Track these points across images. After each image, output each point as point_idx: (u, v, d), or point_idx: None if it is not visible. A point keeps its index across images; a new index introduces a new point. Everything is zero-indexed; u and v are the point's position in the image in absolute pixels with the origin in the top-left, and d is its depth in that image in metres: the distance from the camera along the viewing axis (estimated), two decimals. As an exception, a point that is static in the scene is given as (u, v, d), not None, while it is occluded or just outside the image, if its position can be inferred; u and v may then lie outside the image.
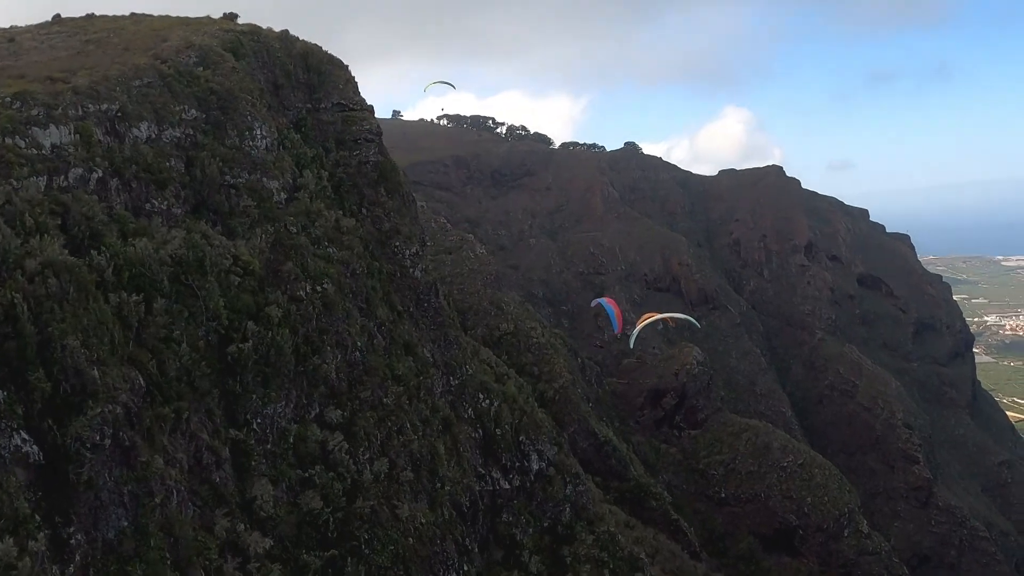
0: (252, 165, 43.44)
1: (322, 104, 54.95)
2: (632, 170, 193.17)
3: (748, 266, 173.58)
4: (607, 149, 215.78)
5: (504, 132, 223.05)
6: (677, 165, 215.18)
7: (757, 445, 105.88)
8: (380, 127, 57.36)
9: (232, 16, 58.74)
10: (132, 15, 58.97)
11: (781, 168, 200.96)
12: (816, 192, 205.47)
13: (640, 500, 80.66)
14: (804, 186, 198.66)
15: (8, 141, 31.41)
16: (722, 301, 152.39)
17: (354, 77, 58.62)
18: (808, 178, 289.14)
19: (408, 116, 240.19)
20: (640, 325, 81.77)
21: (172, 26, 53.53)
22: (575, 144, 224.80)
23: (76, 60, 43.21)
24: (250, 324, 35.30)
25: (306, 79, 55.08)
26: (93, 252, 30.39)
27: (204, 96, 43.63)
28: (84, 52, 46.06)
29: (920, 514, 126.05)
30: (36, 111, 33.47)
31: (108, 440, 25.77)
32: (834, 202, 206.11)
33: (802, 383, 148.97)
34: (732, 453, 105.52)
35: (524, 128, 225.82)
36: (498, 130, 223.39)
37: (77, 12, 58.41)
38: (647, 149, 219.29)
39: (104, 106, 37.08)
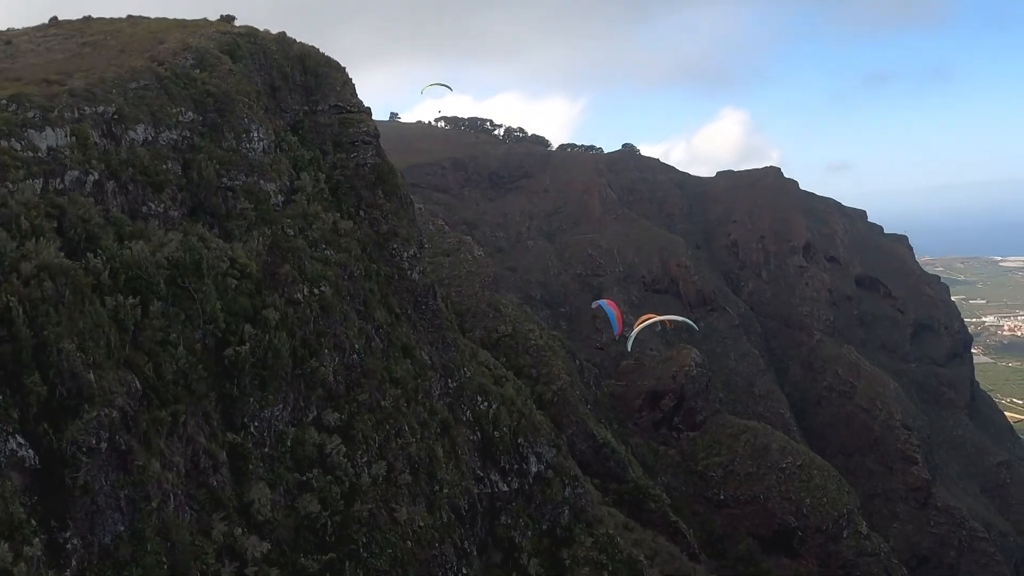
0: (249, 167, 43.31)
1: (319, 106, 54.82)
2: (630, 172, 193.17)
3: (746, 267, 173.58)
4: (605, 151, 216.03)
5: (502, 134, 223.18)
6: (675, 167, 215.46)
7: (756, 446, 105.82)
8: (378, 129, 57.26)
9: (229, 18, 58.69)
10: (129, 17, 58.92)
11: (779, 169, 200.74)
12: (814, 193, 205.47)
13: (639, 502, 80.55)
14: (802, 187, 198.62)
15: (4, 144, 31.20)
16: (720, 302, 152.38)
17: (351, 79, 58.53)
18: (806, 179, 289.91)
19: (406, 118, 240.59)
20: (637, 328, 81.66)
21: (169, 28, 53.44)
22: (573, 146, 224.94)
23: (73, 62, 43.07)
24: (247, 327, 35.15)
25: (303, 81, 54.98)
26: (89, 255, 30.22)
27: (201, 98, 43.50)
28: (81, 54, 45.96)
29: (919, 515, 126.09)
30: (32, 113, 33.30)
31: (104, 444, 25.60)
32: (832, 203, 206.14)
33: (800, 384, 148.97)
34: (731, 455, 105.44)
35: (522, 130, 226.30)
36: (496, 132, 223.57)
37: (74, 14, 58.38)
38: (645, 151, 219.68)
39: (100, 108, 36.93)
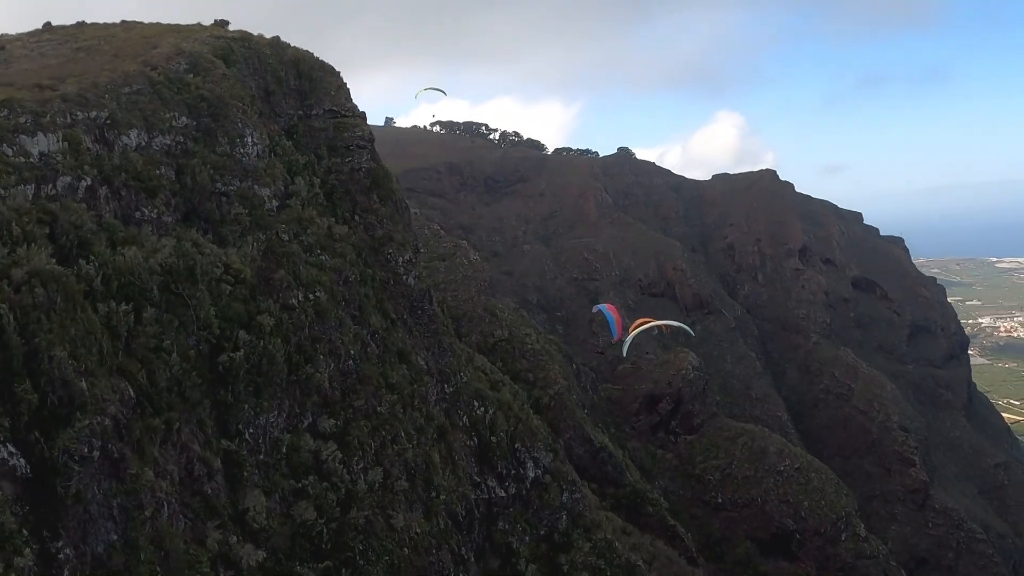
0: (243, 172, 43.13)
1: (314, 111, 54.68)
2: (625, 175, 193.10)
3: (742, 270, 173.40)
4: (600, 155, 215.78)
5: (497, 138, 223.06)
6: (670, 170, 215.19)
7: (753, 450, 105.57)
8: (372, 133, 57.18)
9: (223, 23, 58.56)
10: (123, 22, 58.81)
11: (774, 172, 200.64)
12: (810, 196, 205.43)
13: (636, 506, 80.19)
14: (798, 190, 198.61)
15: (-5, 149, 31.07)
16: (717, 306, 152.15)
17: (346, 83, 58.44)
18: (801, 182, 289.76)
19: (401, 123, 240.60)
20: (632, 332, 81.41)
21: (163, 33, 53.27)
22: (568, 150, 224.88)
23: (66, 67, 42.89)
24: (242, 333, 34.95)
25: (297, 85, 54.83)
26: (81, 261, 30.05)
27: (195, 103, 43.34)
28: (74, 59, 45.79)
29: (917, 517, 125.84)
30: (24, 119, 33.10)
31: (97, 452, 25.38)
32: (828, 205, 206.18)
33: (797, 387, 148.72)
34: (728, 458, 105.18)
35: (517, 134, 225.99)
36: (491, 136, 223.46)
37: (68, 20, 58.25)
38: (640, 154, 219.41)
39: (93, 113, 36.75)
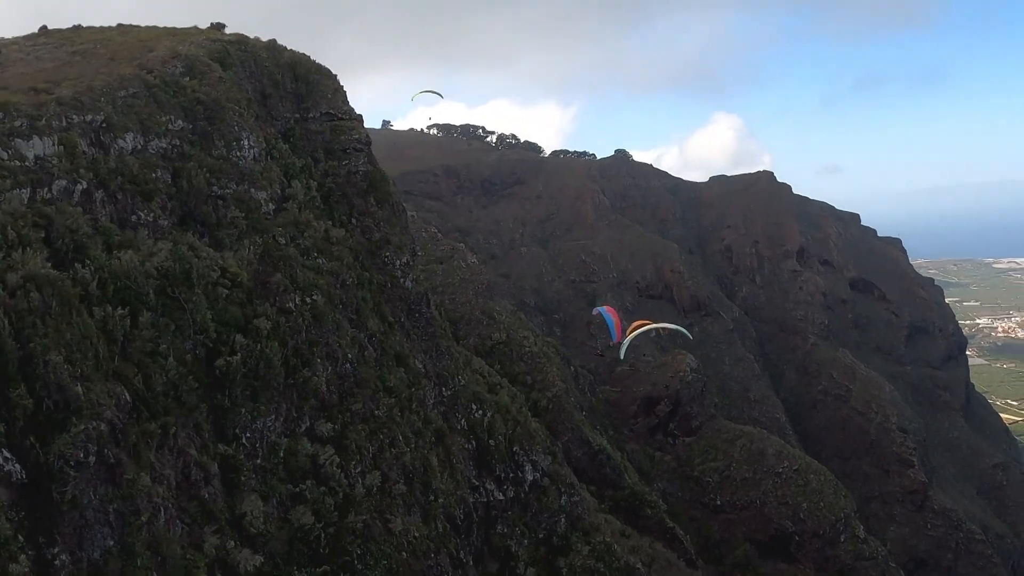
0: (240, 176, 43.01)
1: (310, 114, 54.58)
2: (622, 177, 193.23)
3: (740, 272, 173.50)
4: (597, 157, 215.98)
5: (494, 141, 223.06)
6: (668, 172, 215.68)
7: (752, 451, 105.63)
8: (369, 136, 57.07)
9: (219, 26, 58.47)
10: (119, 26, 58.74)
11: (772, 174, 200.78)
12: (807, 197, 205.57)
13: (635, 509, 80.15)
14: (795, 191, 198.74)
15: (-10, 153, 30.95)
16: (714, 307, 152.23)
17: (343, 86, 58.36)
18: (799, 183, 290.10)
19: (398, 126, 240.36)
20: (630, 335, 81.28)
21: (159, 37, 53.17)
22: (565, 152, 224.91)
23: (61, 71, 42.77)
24: (238, 337, 34.82)
25: (294, 88, 54.73)
26: (77, 265, 29.91)
27: (191, 106, 43.22)
28: (70, 63, 45.67)
29: (916, 518, 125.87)
30: (19, 122, 32.99)
31: (93, 457, 25.22)
32: (825, 207, 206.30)
33: (796, 388, 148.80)
34: (727, 460, 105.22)
35: (514, 137, 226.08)
36: (488, 139, 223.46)
37: (64, 24, 58.10)
38: (637, 156, 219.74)
39: (89, 117, 36.63)
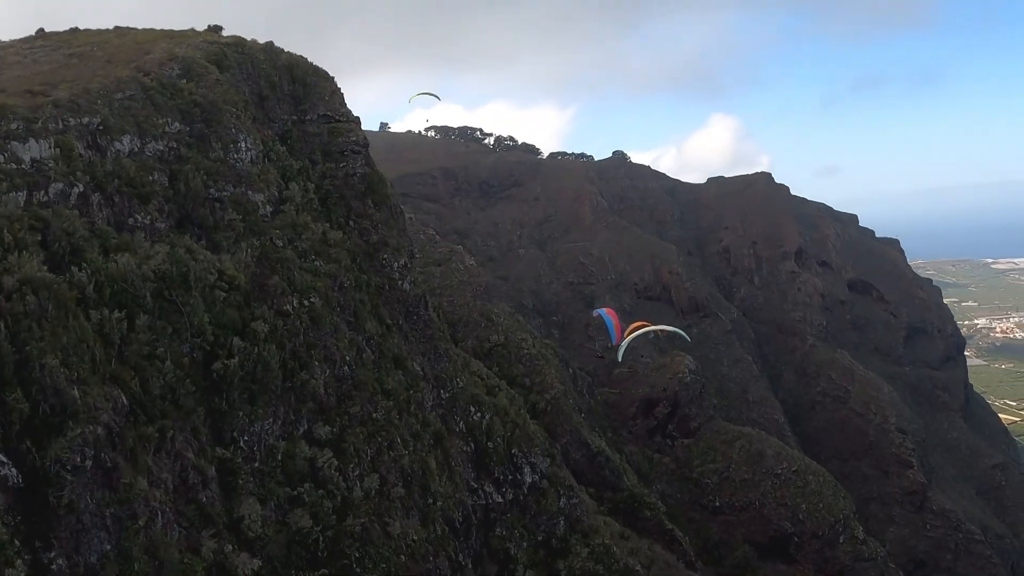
0: (237, 178, 42.92)
1: (308, 116, 54.52)
2: (620, 179, 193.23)
3: (738, 273, 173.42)
4: (595, 158, 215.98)
5: (492, 143, 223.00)
6: (666, 173, 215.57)
7: (751, 453, 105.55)
8: (367, 138, 57.01)
9: (216, 28, 58.39)
10: (116, 29, 58.72)
11: (770, 175, 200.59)
12: (805, 198, 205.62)
13: (634, 510, 80.00)
14: (793, 192, 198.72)
15: (-14, 156, 30.85)
16: (713, 309, 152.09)
17: (340, 88, 58.32)
18: (796, 184, 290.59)
19: (396, 128, 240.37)
20: (628, 337, 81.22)
21: (156, 39, 53.08)
22: (563, 154, 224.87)
23: (58, 73, 42.67)
24: (236, 340, 34.73)
25: (291, 91, 54.67)
26: (74, 268, 29.83)
27: (188, 108, 43.14)
28: (67, 65, 45.56)
29: (915, 519, 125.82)
30: (15, 125, 32.90)
31: (89, 461, 25.12)
32: (823, 208, 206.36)
33: (794, 390, 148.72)
34: (726, 461, 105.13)
35: (512, 139, 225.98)
36: (486, 141, 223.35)
37: (61, 26, 58.11)
38: (635, 158, 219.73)
39: (85, 119, 36.53)
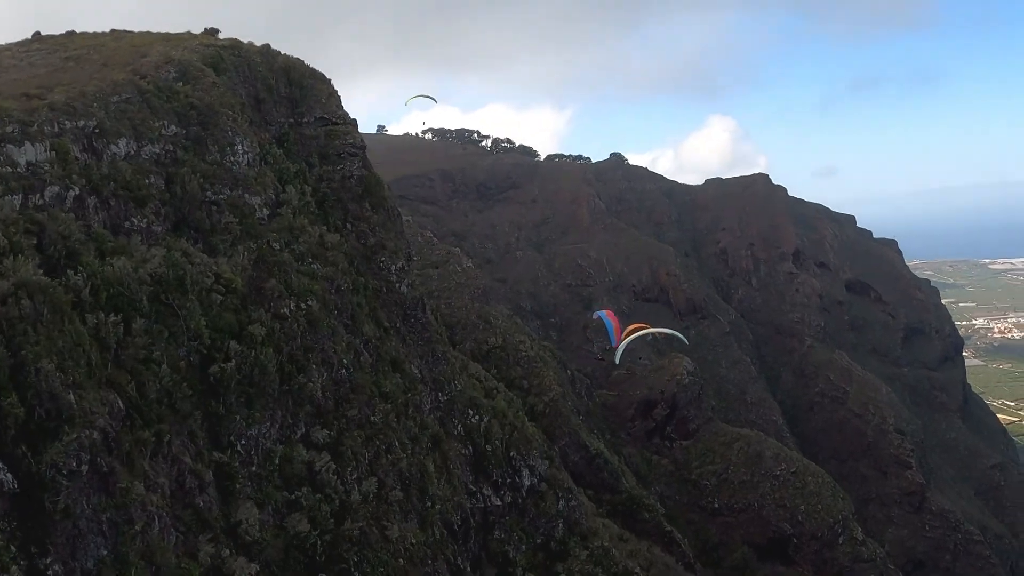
0: (234, 181, 42.82)
1: (305, 118, 54.43)
2: (618, 181, 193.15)
3: (736, 275, 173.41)
4: (593, 160, 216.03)
5: (489, 145, 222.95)
6: (663, 175, 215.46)
7: (749, 454, 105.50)
8: (364, 141, 56.93)
9: (213, 31, 58.31)
10: (113, 32, 58.68)
11: (767, 176, 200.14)
12: (803, 199, 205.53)
13: (633, 512, 79.96)
14: (790, 194, 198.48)
15: (-19, 159, 30.73)
16: (711, 310, 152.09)
17: (337, 91, 58.25)
18: (794, 185, 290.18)
19: (393, 131, 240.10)
20: (625, 340, 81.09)
21: (153, 42, 53.04)
22: (560, 156, 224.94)
23: (54, 77, 42.59)
24: (233, 343, 34.63)
25: (288, 93, 54.57)
26: (69, 272, 29.72)
27: (184, 111, 43.06)
28: (63, 69, 45.50)
29: (914, 519, 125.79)
30: (11, 128, 32.80)
31: (85, 466, 25.00)
32: (821, 209, 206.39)
33: (792, 391, 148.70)
34: (724, 463, 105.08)
35: (509, 141, 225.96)
36: (483, 143, 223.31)
37: (58, 30, 58.08)
38: (633, 160, 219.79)
39: (81, 122, 36.43)
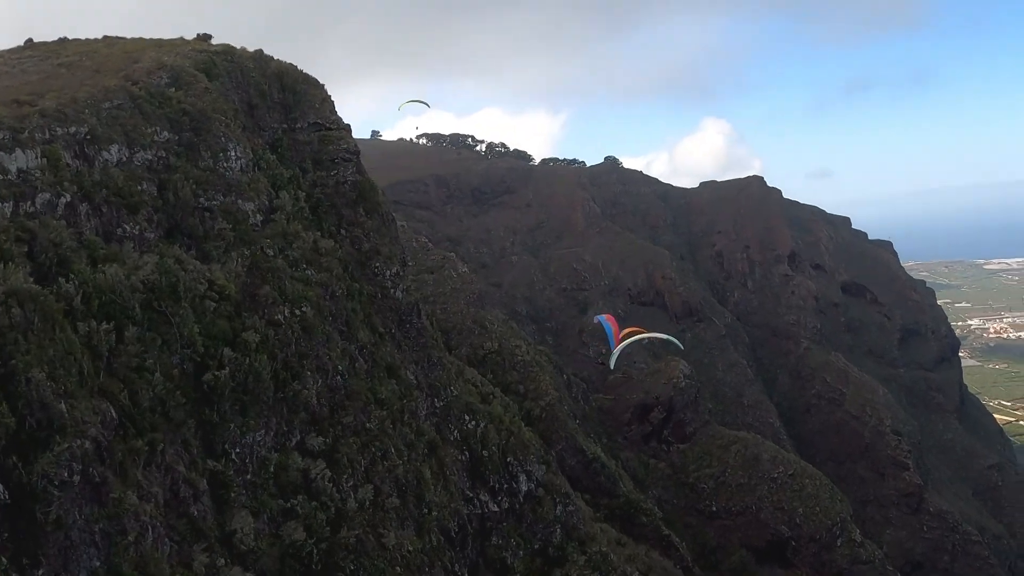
0: (227, 187, 42.61)
1: (298, 124, 54.24)
2: (613, 185, 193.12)
3: (732, 277, 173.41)
4: (587, 164, 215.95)
5: (484, 150, 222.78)
6: (658, 178, 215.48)
7: (746, 457, 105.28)
8: (358, 146, 56.77)
9: (205, 37, 58.17)
10: (105, 38, 58.48)
11: (762, 179, 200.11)
12: (798, 201, 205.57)
13: (630, 516, 79.71)
14: (785, 196, 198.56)
15: (-29, 167, 30.47)
16: (707, 313, 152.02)
17: (330, 96, 58.07)
18: (789, 188, 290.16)
19: (387, 136, 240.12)
20: (620, 345, 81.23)
21: (145, 48, 52.83)
22: (555, 160, 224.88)
23: (46, 83, 42.35)
24: (227, 350, 34.36)
25: (281, 99, 54.38)
26: (61, 280, 29.45)
27: (177, 117, 42.83)
28: (55, 75, 45.24)
29: (912, 520, 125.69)
30: (1, 135, 32.56)
31: (77, 476, 24.68)
32: (816, 211, 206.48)
33: (789, 393, 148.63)
34: (722, 466, 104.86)
35: (504, 145, 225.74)
36: (478, 148, 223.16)
37: (50, 36, 57.75)
38: (627, 163, 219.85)
39: (72, 129, 36.20)
